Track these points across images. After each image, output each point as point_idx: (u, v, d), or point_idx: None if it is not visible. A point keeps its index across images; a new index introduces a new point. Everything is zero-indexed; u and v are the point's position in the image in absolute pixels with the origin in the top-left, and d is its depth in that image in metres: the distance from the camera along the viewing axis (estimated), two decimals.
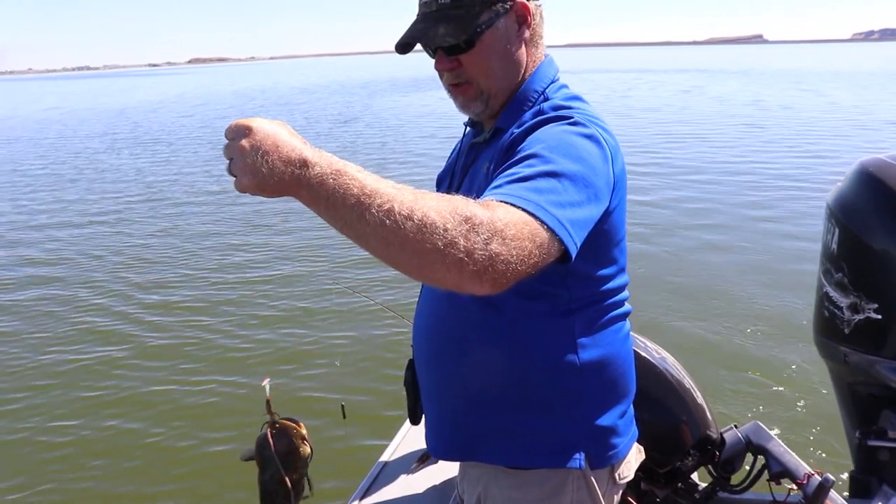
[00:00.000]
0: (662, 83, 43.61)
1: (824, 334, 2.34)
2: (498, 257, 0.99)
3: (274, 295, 7.08)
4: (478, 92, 1.42)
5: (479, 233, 0.99)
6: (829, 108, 23.86)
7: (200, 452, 4.36)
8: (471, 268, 0.98)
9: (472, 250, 0.97)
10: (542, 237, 1.07)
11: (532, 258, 1.04)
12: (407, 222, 0.96)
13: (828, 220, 2.33)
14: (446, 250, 0.96)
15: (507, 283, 1.03)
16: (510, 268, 1.01)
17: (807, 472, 2.08)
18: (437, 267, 0.98)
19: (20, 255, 9.10)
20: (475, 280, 0.99)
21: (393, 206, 0.96)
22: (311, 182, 0.98)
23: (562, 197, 1.13)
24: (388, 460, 2.45)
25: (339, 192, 0.97)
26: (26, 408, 5.01)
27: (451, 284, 1.00)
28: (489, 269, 0.99)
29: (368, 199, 0.96)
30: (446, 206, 0.99)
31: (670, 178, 12.16)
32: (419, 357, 1.58)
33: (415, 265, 0.99)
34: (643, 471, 2.09)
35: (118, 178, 14.78)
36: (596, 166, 1.23)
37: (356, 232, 0.98)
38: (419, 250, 0.96)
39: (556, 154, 1.20)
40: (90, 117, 33.11)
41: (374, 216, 0.96)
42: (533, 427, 1.41)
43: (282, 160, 0.98)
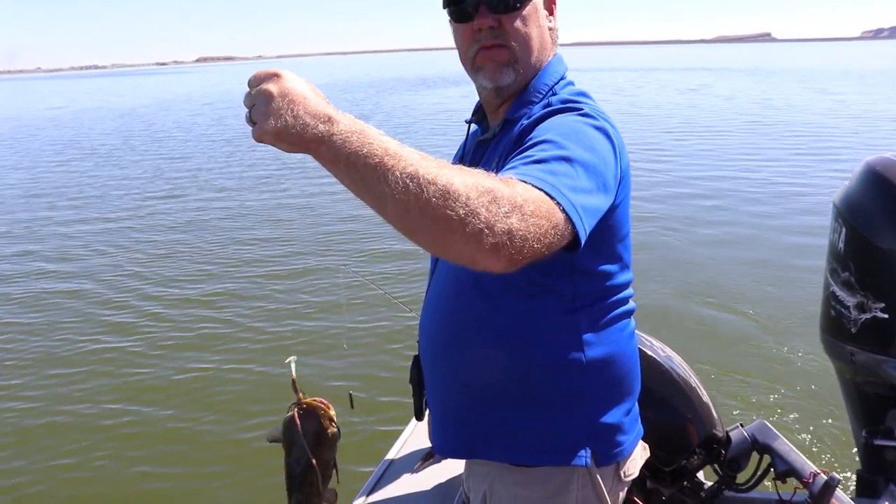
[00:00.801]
0: (670, 81, 43.49)
1: (831, 333, 2.33)
2: (516, 232, 0.98)
3: (291, 287, 7.16)
4: (511, 58, 1.42)
5: (500, 205, 0.97)
6: (837, 107, 23.76)
7: (230, 439, 4.48)
8: (489, 240, 0.96)
9: (492, 222, 0.96)
10: (558, 217, 1.06)
11: (547, 237, 1.03)
12: (430, 187, 0.94)
13: (834, 220, 2.32)
14: (467, 219, 0.95)
15: (521, 261, 1.01)
16: (526, 244, 1.00)
17: (812, 471, 2.08)
18: (456, 237, 0.95)
19: (49, 248, 9.28)
20: (492, 254, 0.97)
21: (417, 170, 0.94)
22: (334, 139, 0.95)
23: (576, 182, 1.13)
24: (395, 457, 2.46)
25: (362, 151, 0.95)
26: (58, 395, 5.19)
27: (467, 257, 0.99)
28: (507, 243, 0.97)
29: (392, 161, 0.94)
30: (469, 177, 0.98)
31: (676, 176, 12.14)
32: (425, 353, 1.58)
33: (433, 233, 0.96)
34: (649, 469, 2.09)
35: (139, 175, 14.90)
36: (606, 158, 1.24)
37: (375, 194, 0.95)
38: (440, 217, 0.94)
39: (568, 141, 1.20)
40: (104, 115, 33.37)
41: (397, 178, 0.93)
42: (538, 424, 1.42)
43: (308, 112, 0.96)
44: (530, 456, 1.43)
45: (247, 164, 15.78)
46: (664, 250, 7.87)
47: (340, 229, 9.43)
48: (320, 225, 9.82)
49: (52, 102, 50.86)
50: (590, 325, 1.39)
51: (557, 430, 1.42)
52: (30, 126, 29.56)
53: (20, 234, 10.21)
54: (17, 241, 9.79)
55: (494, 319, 1.40)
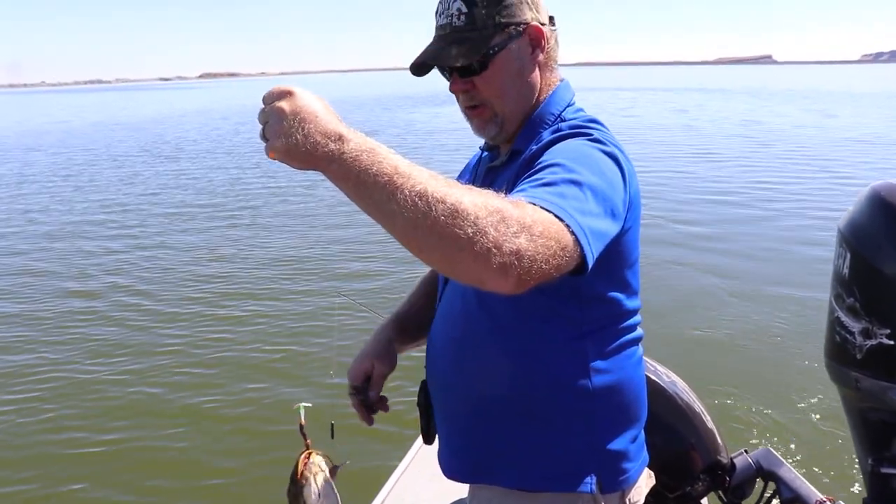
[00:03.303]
0: (670, 102, 43.70)
1: (836, 359, 2.31)
2: (525, 252, 0.98)
3: (284, 310, 7.12)
4: (492, 114, 1.43)
5: (509, 225, 0.97)
6: (839, 130, 23.83)
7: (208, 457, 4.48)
8: (497, 259, 0.96)
9: (500, 242, 0.96)
10: (567, 240, 1.06)
11: (555, 259, 1.03)
12: (439, 205, 0.94)
13: (839, 245, 2.31)
14: (475, 237, 0.95)
15: (529, 282, 1.01)
16: (535, 265, 0.99)
17: (818, 498, 2.06)
18: (464, 255, 0.96)
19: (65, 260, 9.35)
20: (500, 273, 0.97)
21: (426, 189, 0.95)
22: (343, 157, 0.97)
23: (585, 205, 1.13)
24: (398, 480, 2.44)
25: (371, 169, 0.96)
26: (62, 416, 5.14)
27: (475, 276, 0.99)
28: (515, 263, 0.97)
29: (401, 179, 0.95)
30: (478, 196, 0.99)
31: (677, 199, 12.16)
32: (432, 378, 1.58)
33: (441, 251, 0.97)
34: (653, 495, 2.07)
35: (156, 189, 14.92)
36: (615, 183, 1.24)
37: (384, 212, 0.97)
38: (448, 235, 0.95)
39: (578, 165, 1.20)
40: (117, 131, 33.45)
41: (406, 196, 0.94)
42: (544, 450, 1.41)
43: (319, 131, 0.97)
44: (535, 481, 1.42)
45: (247, 180, 15.84)
46: (668, 275, 7.86)
47: (343, 253, 9.42)
48: (323, 246, 9.79)
49: (57, 116, 51.12)
50: (597, 351, 1.39)
51: (563, 455, 1.40)
52: (45, 137, 29.70)
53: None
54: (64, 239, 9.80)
55: (502, 344, 1.39)
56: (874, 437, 2.29)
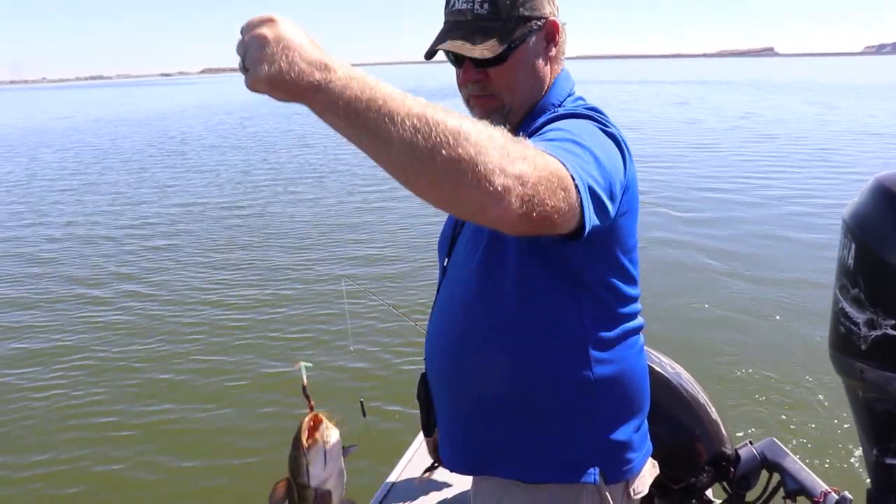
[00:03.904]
0: (672, 94, 43.61)
1: (840, 350, 2.31)
2: (528, 178, 0.95)
3: (296, 297, 7.16)
4: (499, 105, 1.41)
5: (511, 152, 0.95)
6: (843, 121, 23.77)
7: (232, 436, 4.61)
8: (500, 181, 0.92)
9: (504, 164, 0.93)
10: (569, 184, 1.04)
11: (557, 198, 1.01)
12: (438, 126, 0.90)
13: (844, 236, 2.30)
14: (477, 159, 0.91)
15: (531, 216, 0.98)
16: (537, 196, 0.97)
17: (823, 489, 2.06)
18: (465, 179, 0.91)
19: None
20: (503, 198, 0.93)
21: (425, 112, 0.91)
22: (332, 85, 0.91)
23: (587, 166, 1.11)
24: (401, 473, 2.44)
25: (363, 95, 0.91)
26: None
27: (477, 203, 0.94)
28: (518, 188, 0.94)
29: (396, 104, 0.91)
30: (479, 123, 0.95)
31: (682, 190, 12.14)
32: (432, 370, 1.57)
33: (441, 176, 0.91)
34: (657, 487, 2.07)
35: (140, 183, 14.92)
36: (615, 161, 1.23)
37: (378, 138, 0.91)
38: (449, 158, 0.90)
39: (581, 134, 1.20)
40: (122, 127, 33.51)
41: (403, 119, 0.90)
42: (546, 441, 1.40)
43: (304, 59, 0.91)
44: (538, 473, 1.41)
45: (258, 170, 15.86)
46: (671, 266, 7.86)
47: (350, 240, 9.50)
48: (332, 234, 9.90)
49: (60, 112, 51.20)
50: (598, 340, 1.38)
51: (566, 446, 1.40)
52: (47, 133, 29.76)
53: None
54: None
55: (502, 335, 1.38)
56: (879, 428, 2.29)
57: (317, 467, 1.21)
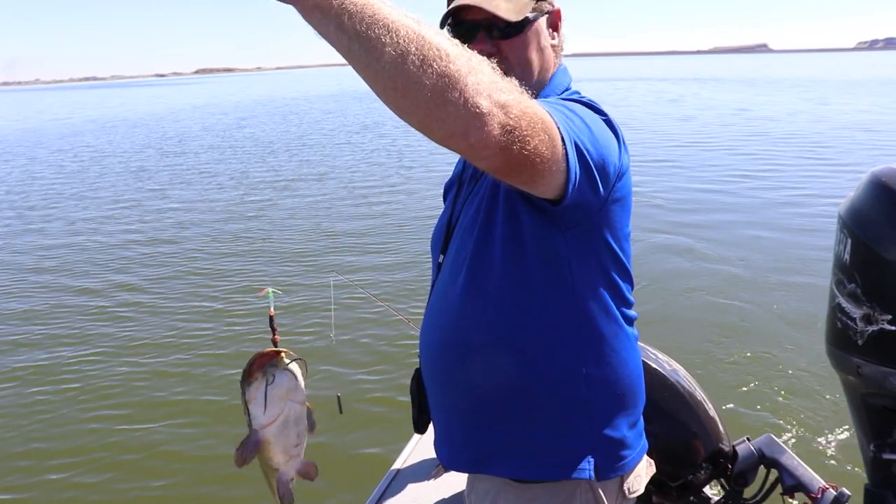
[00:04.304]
0: (665, 91, 43.65)
1: (837, 346, 2.31)
2: (512, 107, 0.95)
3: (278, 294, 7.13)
4: None
5: (499, 82, 0.95)
6: (837, 117, 23.82)
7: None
8: (485, 105, 0.92)
9: (491, 89, 0.92)
10: (554, 132, 1.04)
11: (538, 138, 1.00)
12: (433, 40, 0.89)
13: (840, 231, 2.30)
14: (468, 78, 0.90)
15: (511, 149, 0.97)
16: (518, 130, 0.96)
17: (821, 485, 2.06)
18: (454, 94, 0.89)
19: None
20: (485, 123, 0.92)
21: (419, 25, 0.89)
22: None
23: (575, 127, 1.11)
24: (399, 470, 2.44)
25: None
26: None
27: (461, 124, 0.92)
28: (500, 114, 0.93)
29: (391, 11, 0.88)
30: (469, 50, 0.94)
31: (677, 186, 12.14)
32: (426, 366, 1.56)
33: (429, 90, 0.89)
34: (654, 484, 2.07)
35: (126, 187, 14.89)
36: (608, 141, 1.24)
37: (369, 45, 0.87)
38: (440, 72, 0.88)
39: (576, 110, 1.20)
40: (120, 128, 33.45)
41: (399, 28, 0.87)
42: (540, 438, 1.39)
43: None
44: (533, 471, 1.41)
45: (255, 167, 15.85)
46: (667, 262, 7.86)
47: (346, 243, 9.48)
48: (328, 236, 9.86)
49: (56, 113, 51.07)
50: (591, 334, 1.37)
51: (560, 443, 1.39)
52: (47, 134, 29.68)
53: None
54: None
55: (496, 331, 1.38)
56: (876, 424, 2.28)
57: (256, 407, 1.09)
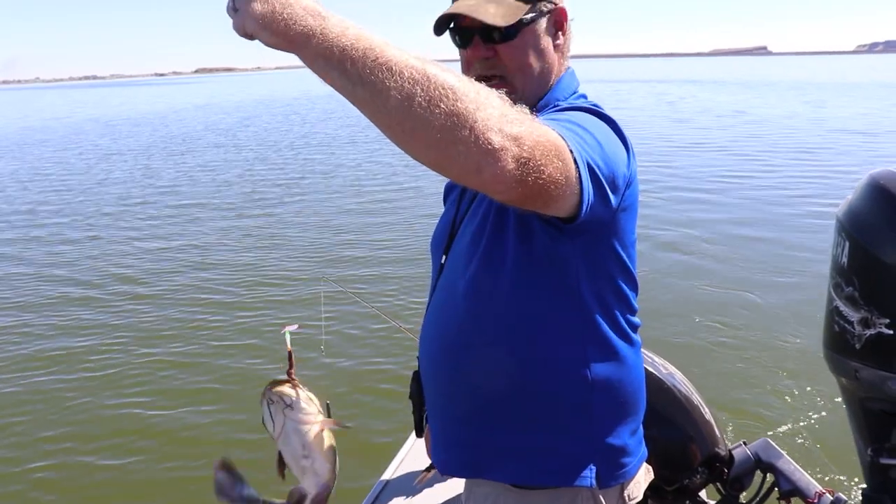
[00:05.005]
0: (665, 93, 43.70)
1: (835, 349, 2.29)
2: (525, 140, 0.93)
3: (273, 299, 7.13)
4: (510, 91, 1.38)
5: (509, 114, 0.93)
6: (836, 119, 23.83)
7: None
8: (497, 140, 0.90)
9: (501, 123, 0.90)
10: (566, 155, 1.02)
11: (552, 166, 0.98)
12: (438, 78, 0.88)
13: (838, 234, 2.29)
14: (476, 115, 0.88)
15: (526, 181, 0.95)
16: (533, 160, 0.94)
17: (818, 490, 2.05)
18: (464, 133, 0.88)
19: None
20: (498, 159, 0.91)
21: (424, 65, 0.88)
22: (326, 32, 0.88)
23: (586, 146, 1.09)
24: (392, 475, 2.42)
25: (359, 44, 0.87)
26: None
27: (472, 161, 0.91)
28: (514, 148, 0.92)
29: (393, 51, 0.88)
30: (477, 83, 0.93)
31: (676, 188, 12.13)
32: (425, 370, 1.54)
33: (438, 130, 0.88)
34: (651, 488, 2.05)
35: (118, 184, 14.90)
36: (617, 152, 1.22)
37: (375, 87, 0.87)
38: (447, 111, 0.87)
39: (584, 122, 1.18)
40: (122, 126, 33.45)
41: (402, 68, 0.87)
42: (541, 444, 1.38)
43: (299, 3, 0.88)
44: (534, 477, 1.39)
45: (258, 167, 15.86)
46: (663, 265, 7.84)
47: (351, 242, 9.48)
48: (312, 237, 9.84)
49: (58, 112, 51.05)
50: (595, 341, 1.36)
51: (561, 449, 1.38)
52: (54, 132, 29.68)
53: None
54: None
55: (500, 334, 1.36)
56: (873, 428, 2.27)
57: (267, 422, 1.31)
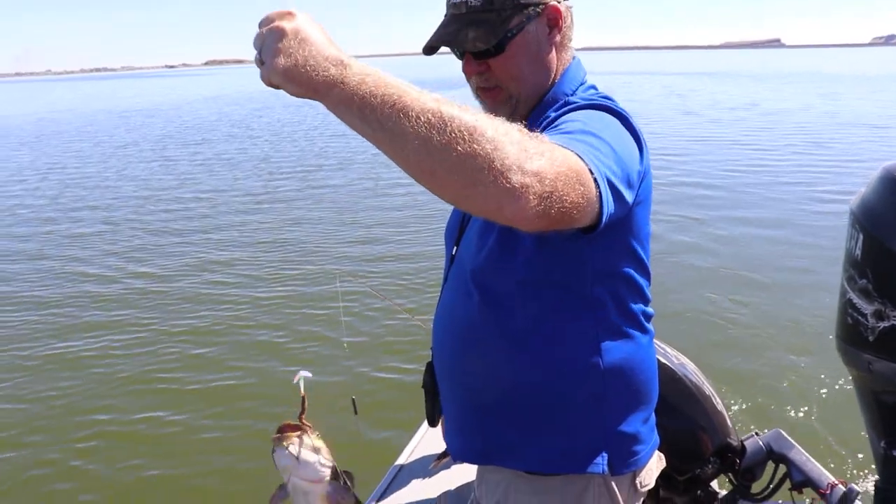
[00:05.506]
0: (676, 86, 43.44)
1: (848, 341, 2.29)
2: (546, 175, 0.93)
3: (289, 294, 7.15)
4: (506, 97, 1.39)
5: (528, 148, 0.93)
6: (851, 112, 23.65)
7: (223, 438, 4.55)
8: (518, 179, 0.90)
9: (521, 161, 0.91)
10: (587, 178, 1.02)
11: (575, 193, 0.99)
12: (454, 122, 0.89)
13: (851, 226, 2.29)
14: (494, 154, 0.89)
15: (550, 214, 0.96)
16: (555, 193, 0.95)
17: (830, 481, 2.05)
18: (483, 176, 0.90)
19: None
20: (520, 196, 0.91)
21: (439, 107, 0.90)
22: (347, 81, 0.92)
23: (604, 158, 1.10)
24: (406, 462, 2.44)
25: (378, 91, 0.91)
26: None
27: (493, 202, 0.92)
28: (536, 185, 0.92)
29: (410, 99, 0.90)
30: (494, 119, 0.94)
31: (687, 180, 12.09)
32: (438, 359, 1.55)
33: (457, 173, 0.90)
34: (662, 478, 2.06)
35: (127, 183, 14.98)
36: (631, 151, 1.22)
37: (393, 134, 0.90)
38: (465, 154, 0.89)
39: (596, 126, 1.18)
40: (135, 118, 33.66)
41: (419, 115, 0.89)
42: (554, 432, 1.39)
43: (320, 53, 0.93)
44: (546, 464, 1.40)
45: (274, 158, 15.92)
46: (674, 256, 7.83)
47: (348, 235, 9.52)
48: (326, 228, 9.91)
49: (70, 104, 51.29)
50: (608, 330, 1.36)
51: (573, 437, 1.39)
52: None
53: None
54: None
55: (509, 324, 1.37)
56: (887, 420, 2.27)
57: (275, 463, 1.32)
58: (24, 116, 39.23)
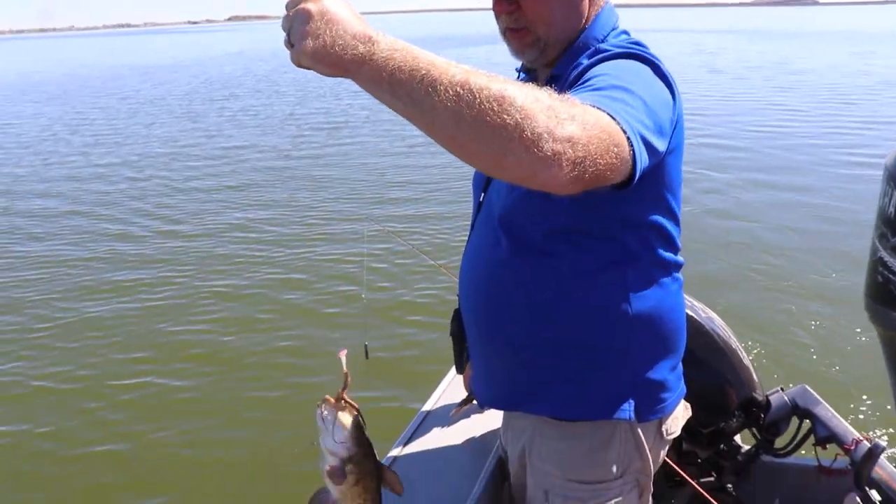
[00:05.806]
0: (704, 44, 42.42)
1: (877, 300, 2.27)
2: (578, 140, 0.93)
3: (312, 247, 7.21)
4: (534, 39, 1.38)
5: (559, 113, 0.93)
6: (887, 70, 23.02)
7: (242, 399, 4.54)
8: (549, 146, 0.90)
9: (551, 127, 0.91)
10: (620, 138, 1.01)
11: (609, 155, 0.98)
12: (482, 93, 0.89)
13: (885, 183, 2.25)
14: (524, 123, 0.89)
15: (583, 178, 0.96)
16: (588, 157, 0.94)
17: (855, 437, 2.05)
18: (514, 145, 0.90)
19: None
20: (553, 163, 0.91)
21: (468, 78, 0.90)
22: (375, 57, 0.92)
23: (636, 112, 1.09)
24: (432, 409, 2.47)
25: (406, 66, 0.91)
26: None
27: (526, 169, 0.92)
28: (568, 151, 0.92)
29: (438, 72, 0.90)
30: (524, 85, 0.94)
31: (719, 139, 11.88)
32: (466, 307, 1.57)
33: (488, 143, 0.90)
34: (686, 430, 2.08)
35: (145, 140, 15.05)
36: (664, 100, 1.21)
37: (423, 108, 0.91)
38: (495, 124, 0.89)
39: (627, 78, 1.17)
40: (158, 73, 33.68)
41: (447, 87, 0.89)
42: (581, 378, 1.41)
43: (348, 32, 0.93)
44: (573, 410, 1.43)
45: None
46: (706, 212, 7.78)
47: (375, 185, 9.61)
48: (353, 180, 10.02)
49: (95, 59, 51.29)
50: (637, 277, 1.37)
51: (601, 384, 1.41)
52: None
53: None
54: None
55: (538, 272, 1.38)
56: None
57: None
58: (49, 72, 39.38)
